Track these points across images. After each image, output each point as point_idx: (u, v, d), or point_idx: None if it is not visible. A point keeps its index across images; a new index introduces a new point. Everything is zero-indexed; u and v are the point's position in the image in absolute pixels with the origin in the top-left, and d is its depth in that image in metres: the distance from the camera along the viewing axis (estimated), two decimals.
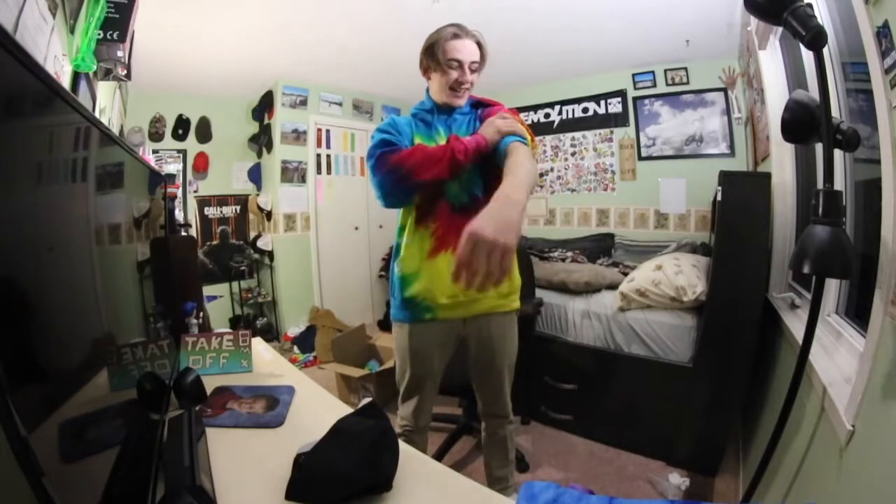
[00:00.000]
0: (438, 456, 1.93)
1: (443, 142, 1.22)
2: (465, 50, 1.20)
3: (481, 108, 1.33)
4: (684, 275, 1.97)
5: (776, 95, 1.95)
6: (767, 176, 1.74)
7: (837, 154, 1.04)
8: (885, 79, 0.79)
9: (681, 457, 1.90)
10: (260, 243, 3.73)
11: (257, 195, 3.83)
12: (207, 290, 3.30)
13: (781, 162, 1.92)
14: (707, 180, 2.61)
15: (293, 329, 3.66)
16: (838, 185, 1.19)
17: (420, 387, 1.33)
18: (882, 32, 0.78)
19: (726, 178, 1.75)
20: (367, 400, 0.90)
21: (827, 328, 1.28)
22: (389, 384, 1.70)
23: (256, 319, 3.71)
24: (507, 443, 1.46)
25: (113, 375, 0.63)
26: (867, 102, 1.10)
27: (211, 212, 3.70)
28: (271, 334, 3.70)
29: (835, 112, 1.10)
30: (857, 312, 1.21)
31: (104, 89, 1.84)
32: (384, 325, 3.75)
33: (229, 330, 1.35)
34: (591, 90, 3.54)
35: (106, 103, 1.91)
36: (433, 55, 1.22)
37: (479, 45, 1.23)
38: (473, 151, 1.14)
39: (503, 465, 1.47)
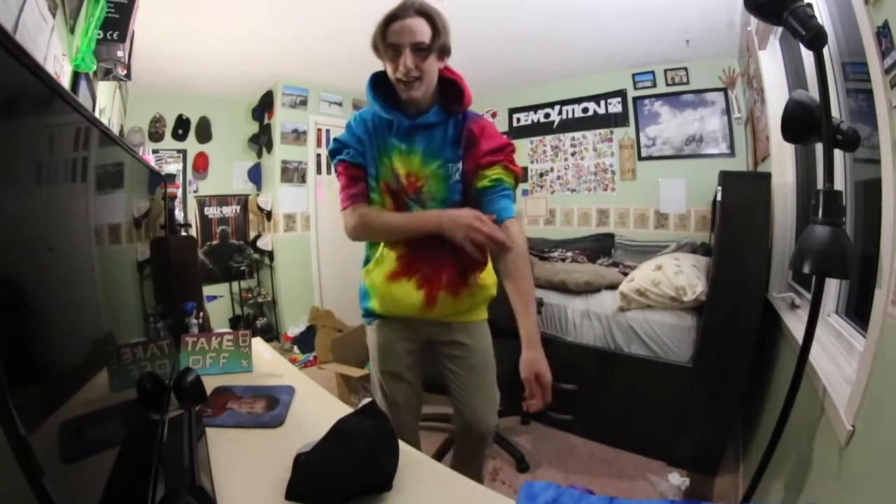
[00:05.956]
0: (438, 456, 1.93)
1: (400, 159, 1.11)
2: (403, 31, 0.98)
3: (456, 116, 1.11)
4: (684, 275, 1.97)
5: (776, 95, 1.94)
6: (767, 176, 1.74)
7: (837, 154, 1.04)
8: (885, 79, 0.79)
9: (681, 457, 1.90)
10: (260, 243, 3.73)
11: (257, 195, 3.83)
12: (207, 290, 3.29)
13: (781, 162, 1.92)
14: (707, 180, 2.61)
15: (293, 329, 3.66)
16: (838, 185, 1.19)
17: (395, 390, 1.25)
18: (882, 32, 0.78)
19: (726, 178, 1.75)
20: (367, 400, 0.90)
21: (827, 328, 1.28)
22: None
23: (256, 319, 3.71)
24: (481, 461, 1.34)
25: (113, 375, 0.63)
26: (867, 102, 1.10)
27: (211, 212, 3.70)
28: (271, 334, 3.70)
29: (835, 112, 1.10)
30: (857, 312, 1.21)
31: (104, 89, 1.84)
32: None
33: (229, 330, 1.35)
34: (591, 90, 3.54)
35: (106, 103, 1.91)
36: (373, 45, 1.04)
37: (428, 17, 0.99)
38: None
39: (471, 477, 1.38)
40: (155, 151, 3.30)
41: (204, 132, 3.61)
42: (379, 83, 1.12)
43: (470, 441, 1.31)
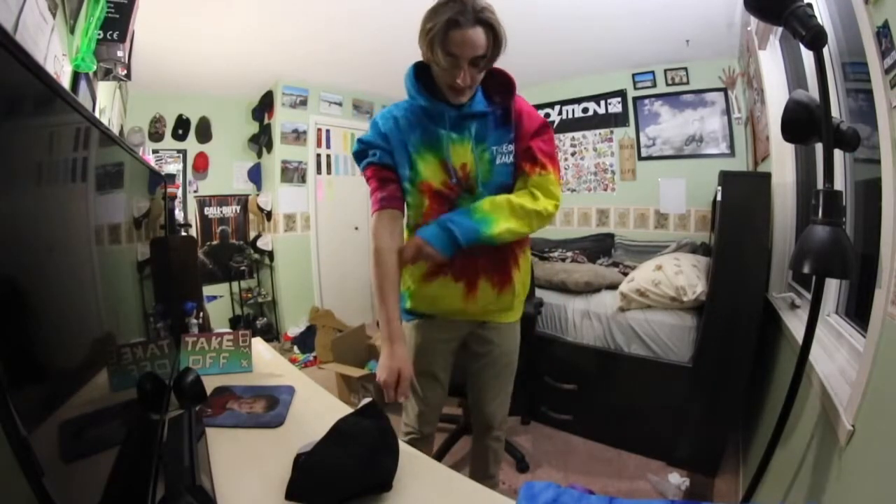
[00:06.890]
0: (438, 456, 1.93)
1: (454, 150, 1.09)
2: (465, 43, 0.95)
3: (501, 104, 1.13)
4: (684, 275, 1.97)
5: (776, 95, 1.94)
6: (767, 176, 1.74)
7: (837, 154, 1.04)
8: (885, 79, 0.79)
9: (681, 457, 1.90)
10: (260, 243, 3.73)
11: (257, 195, 3.83)
12: (207, 290, 3.29)
13: (781, 162, 1.92)
14: (707, 180, 2.61)
15: (293, 329, 3.66)
16: (838, 185, 1.19)
17: (424, 385, 1.26)
18: (882, 32, 0.78)
19: (726, 178, 1.75)
20: (367, 400, 0.90)
21: (827, 328, 1.28)
22: None
23: (256, 319, 3.71)
24: (489, 455, 1.38)
25: (113, 375, 0.63)
26: (867, 102, 1.10)
27: (211, 212, 3.69)
28: (271, 334, 3.70)
29: (835, 112, 1.10)
30: (857, 312, 1.21)
31: (104, 89, 1.84)
32: None
33: (229, 330, 1.35)
34: (591, 90, 3.54)
35: (106, 103, 1.91)
36: (427, 44, 0.98)
37: (489, 26, 0.97)
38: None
39: (481, 476, 1.41)
40: (155, 151, 3.30)
41: (204, 132, 3.61)
42: (419, 73, 1.09)
43: (480, 438, 1.37)
